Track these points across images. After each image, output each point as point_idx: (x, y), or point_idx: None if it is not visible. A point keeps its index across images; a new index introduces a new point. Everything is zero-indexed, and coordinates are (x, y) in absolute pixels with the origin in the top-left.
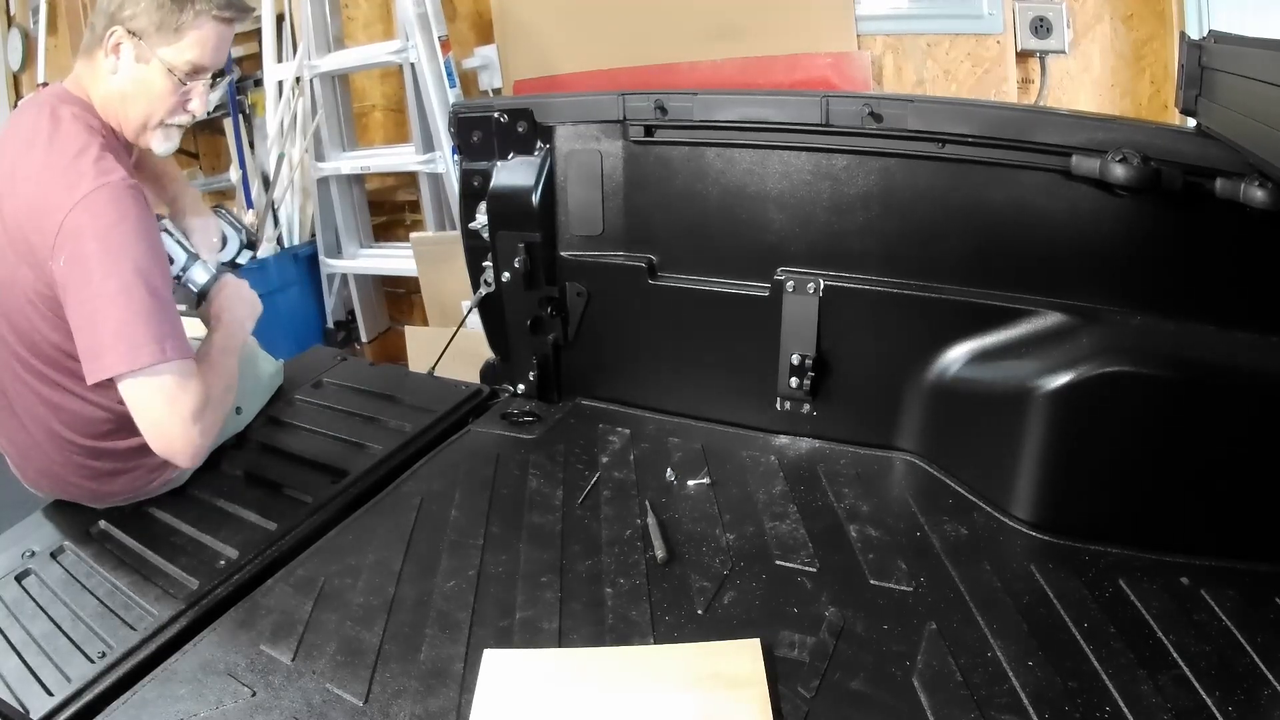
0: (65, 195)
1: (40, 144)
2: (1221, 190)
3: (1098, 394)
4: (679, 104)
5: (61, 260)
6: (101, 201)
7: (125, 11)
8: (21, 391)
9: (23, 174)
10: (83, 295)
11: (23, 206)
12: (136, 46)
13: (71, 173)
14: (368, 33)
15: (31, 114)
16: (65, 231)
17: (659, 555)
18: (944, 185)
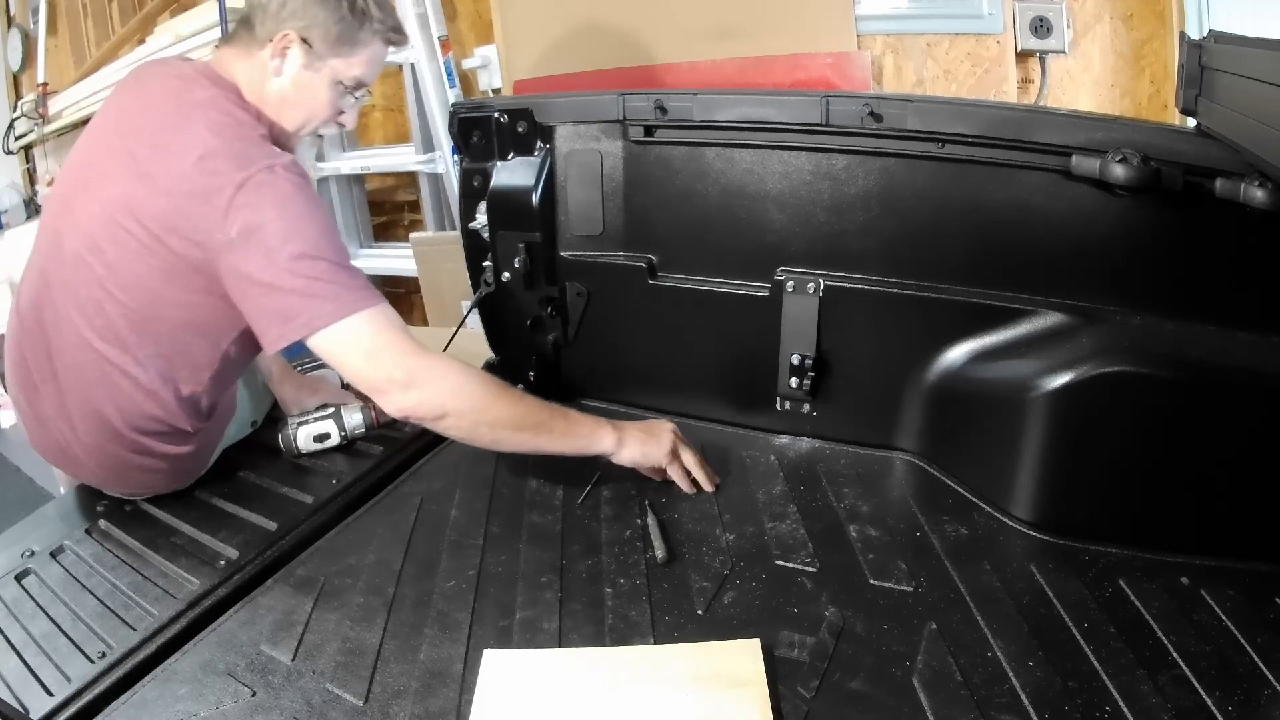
0: (236, 169)
1: (197, 124)
2: (1221, 190)
3: (1098, 394)
4: (679, 104)
5: (234, 231)
6: (277, 175)
7: (300, 20)
8: (83, 364)
9: (175, 149)
10: (257, 266)
11: (175, 184)
12: (307, 54)
13: (240, 150)
14: None
15: (173, 90)
16: (238, 204)
17: (659, 555)
18: (944, 185)
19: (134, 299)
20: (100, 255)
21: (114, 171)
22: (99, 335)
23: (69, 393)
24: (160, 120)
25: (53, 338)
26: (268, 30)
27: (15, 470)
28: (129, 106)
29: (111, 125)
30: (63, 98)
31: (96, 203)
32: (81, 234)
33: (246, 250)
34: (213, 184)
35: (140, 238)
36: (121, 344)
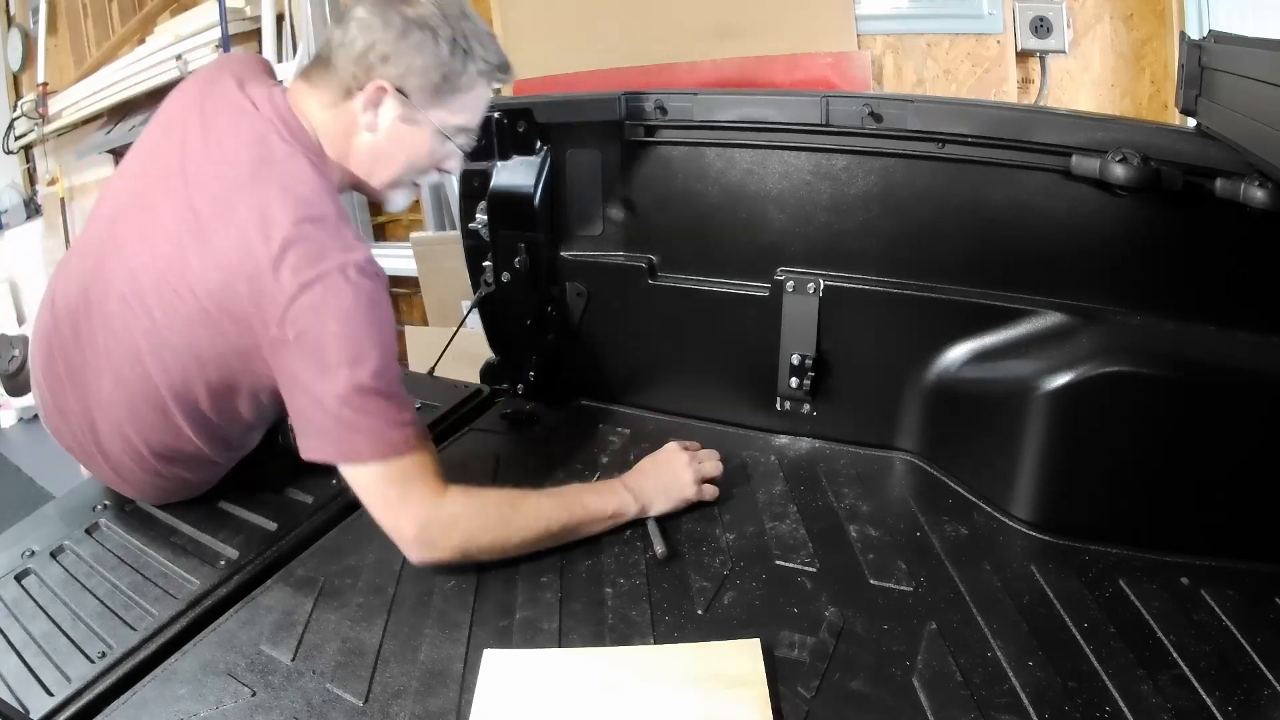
0: (303, 266)
1: (268, 193)
2: (1221, 190)
3: (1098, 394)
4: (679, 104)
5: (290, 334)
6: (347, 280)
7: (393, 68)
8: (114, 394)
9: (240, 217)
10: (309, 378)
11: (235, 262)
12: (403, 105)
13: (311, 241)
14: None
15: (246, 137)
16: (300, 308)
17: (659, 552)
18: (944, 185)
19: (177, 360)
20: (148, 311)
21: (170, 219)
22: (135, 377)
23: (96, 409)
24: (229, 174)
25: (88, 356)
26: (355, 77)
27: (15, 470)
28: (194, 142)
29: (174, 156)
30: (63, 98)
31: (149, 253)
32: (129, 278)
33: (300, 356)
34: (274, 281)
35: (190, 308)
36: (156, 391)
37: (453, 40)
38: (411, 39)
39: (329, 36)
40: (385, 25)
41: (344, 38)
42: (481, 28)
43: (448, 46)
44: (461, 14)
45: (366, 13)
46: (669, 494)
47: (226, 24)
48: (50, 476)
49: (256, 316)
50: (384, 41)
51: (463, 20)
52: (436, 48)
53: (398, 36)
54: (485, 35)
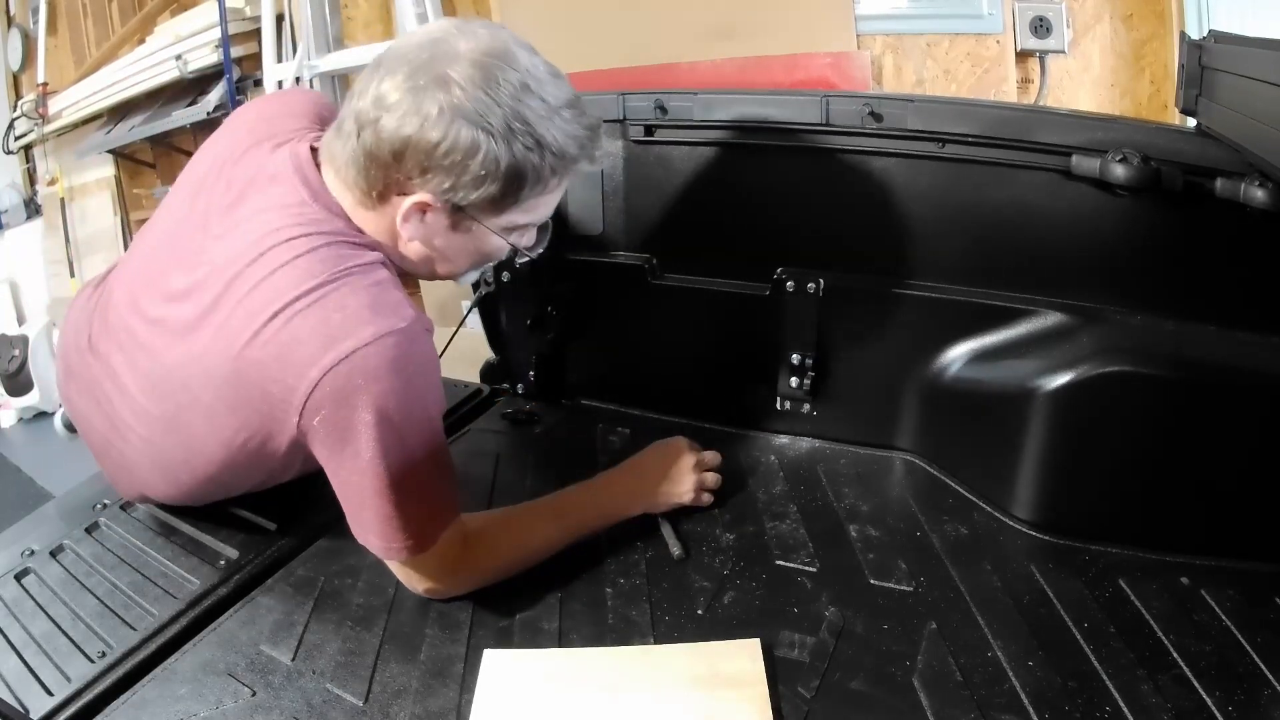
0: (331, 343)
1: (291, 276)
2: (1221, 190)
3: (1098, 394)
4: (679, 104)
5: (316, 420)
6: (385, 356)
7: (440, 179)
8: (140, 449)
9: (259, 302)
10: (343, 468)
11: (253, 351)
12: (453, 216)
13: (343, 315)
14: (367, 32)
15: (277, 216)
16: (325, 389)
17: (675, 553)
18: (944, 185)
19: (206, 464)
20: (169, 399)
21: (195, 301)
22: (164, 452)
23: (127, 441)
24: (255, 259)
25: (115, 401)
26: (384, 182)
27: (15, 470)
28: (224, 215)
29: (210, 218)
30: (63, 98)
31: (175, 351)
32: (147, 357)
33: (329, 444)
34: (294, 353)
35: (210, 410)
36: (177, 473)
37: (510, 132)
38: (457, 140)
39: (355, 116)
40: (422, 120)
41: (372, 135)
42: (552, 97)
43: (506, 145)
44: (522, 86)
45: (398, 95)
46: (666, 497)
47: (226, 24)
48: (50, 476)
49: (280, 397)
50: (421, 146)
51: (524, 96)
52: (493, 148)
53: (440, 139)
54: (559, 109)
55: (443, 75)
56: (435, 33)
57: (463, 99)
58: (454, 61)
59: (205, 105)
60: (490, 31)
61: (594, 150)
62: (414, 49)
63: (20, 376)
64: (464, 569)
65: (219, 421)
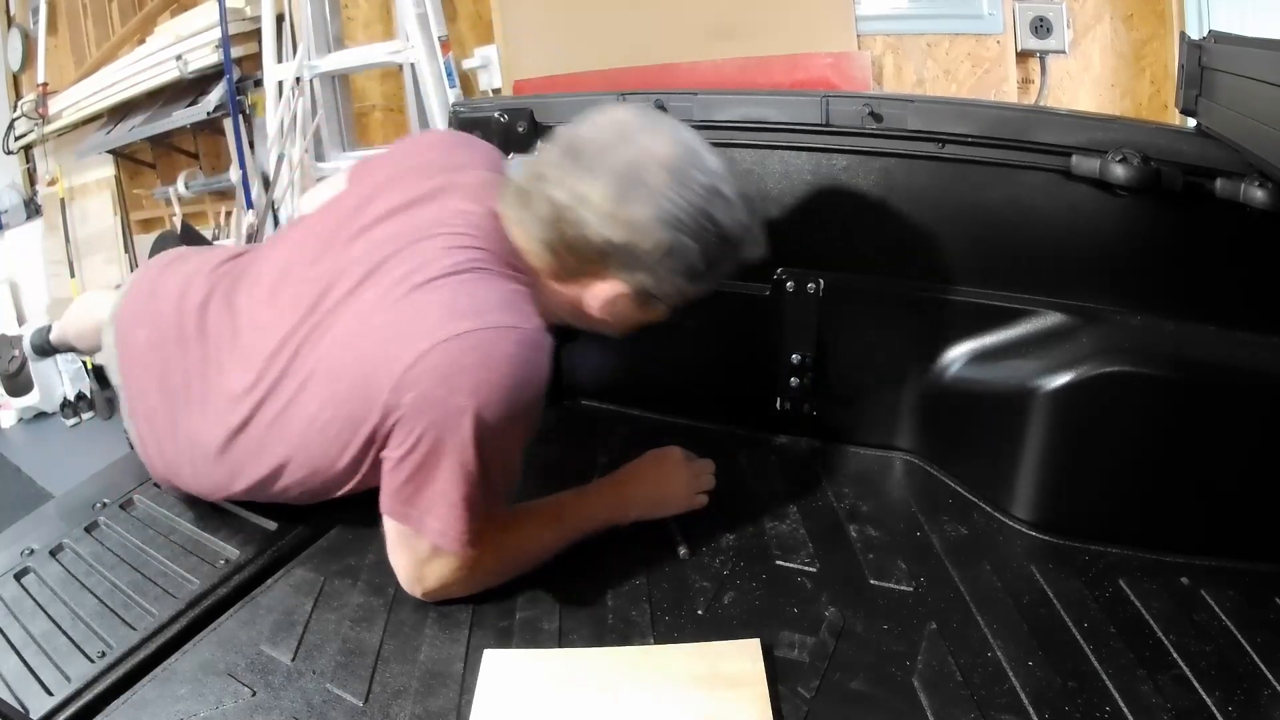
0: (451, 319)
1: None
2: (1221, 190)
3: (1098, 394)
4: (679, 104)
5: (408, 397)
6: (503, 348)
7: (641, 274)
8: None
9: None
10: (422, 446)
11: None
12: (640, 299)
13: (471, 299)
14: (367, 33)
15: (453, 278)
16: (430, 362)
17: (681, 553)
18: (944, 185)
19: (276, 444)
20: (275, 375)
21: (342, 327)
22: (237, 428)
23: (194, 409)
24: (403, 309)
25: (207, 368)
26: (578, 270)
27: (15, 470)
28: (391, 218)
29: (375, 221)
30: (63, 98)
31: (316, 355)
32: (270, 335)
33: (411, 423)
34: (399, 337)
35: (340, 435)
36: (238, 457)
37: (703, 231)
38: (659, 243)
39: (550, 204)
40: (630, 229)
41: (574, 231)
42: (731, 193)
43: (698, 243)
44: (711, 189)
45: (607, 204)
46: (659, 506)
47: (226, 24)
48: (50, 476)
49: (376, 384)
50: (628, 250)
51: (712, 198)
52: (689, 247)
53: (646, 245)
54: (735, 203)
55: (645, 183)
56: (625, 129)
57: (666, 206)
58: (653, 168)
59: (205, 105)
60: (672, 131)
61: (758, 234)
62: (611, 148)
63: (20, 376)
64: (479, 570)
65: (313, 394)
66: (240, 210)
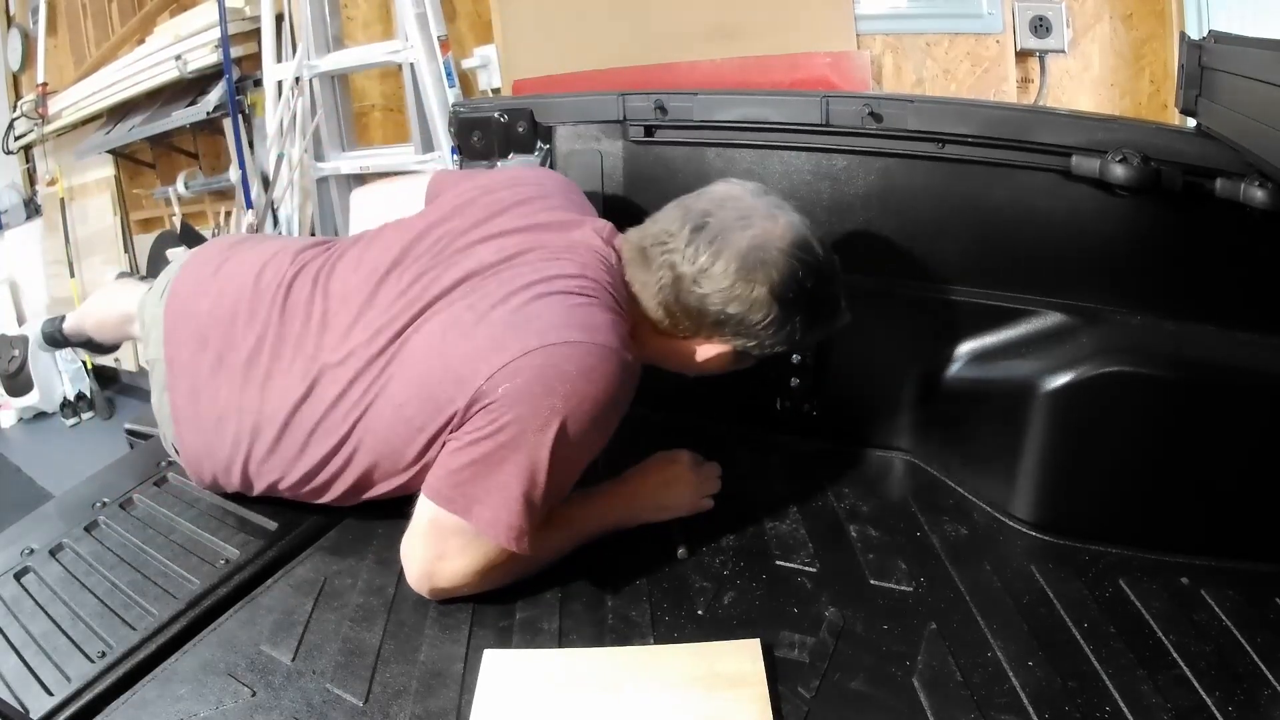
0: (564, 327)
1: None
2: (1221, 190)
3: (1098, 394)
4: (679, 104)
5: (502, 389)
6: (605, 366)
7: (744, 340)
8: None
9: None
10: (499, 436)
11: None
12: (740, 356)
13: (585, 314)
14: (367, 33)
15: (581, 333)
16: (535, 361)
17: (680, 553)
18: (944, 185)
19: (331, 430)
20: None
21: (427, 340)
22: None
23: (254, 394)
24: (507, 331)
25: (257, 384)
26: (690, 331)
27: (15, 470)
28: (514, 234)
29: (494, 231)
30: (63, 98)
31: (418, 340)
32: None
33: (495, 412)
34: (511, 332)
35: (418, 417)
36: (291, 445)
37: (808, 308)
38: (770, 317)
39: (672, 270)
40: (749, 305)
41: (694, 300)
42: (830, 273)
43: (803, 318)
44: (819, 273)
45: (729, 281)
46: (666, 510)
47: (226, 24)
48: (50, 476)
49: (455, 388)
50: (742, 320)
51: (819, 280)
52: (794, 320)
53: (759, 319)
54: (833, 281)
55: (765, 263)
56: (746, 209)
57: (781, 287)
58: (774, 252)
59: (205, 105)
60: (788, 214)
61: (846, 306)
62: (734, 228)
63: (20, 376)
64: (493, 571)
65: (406, 379)
66: (240, 210)
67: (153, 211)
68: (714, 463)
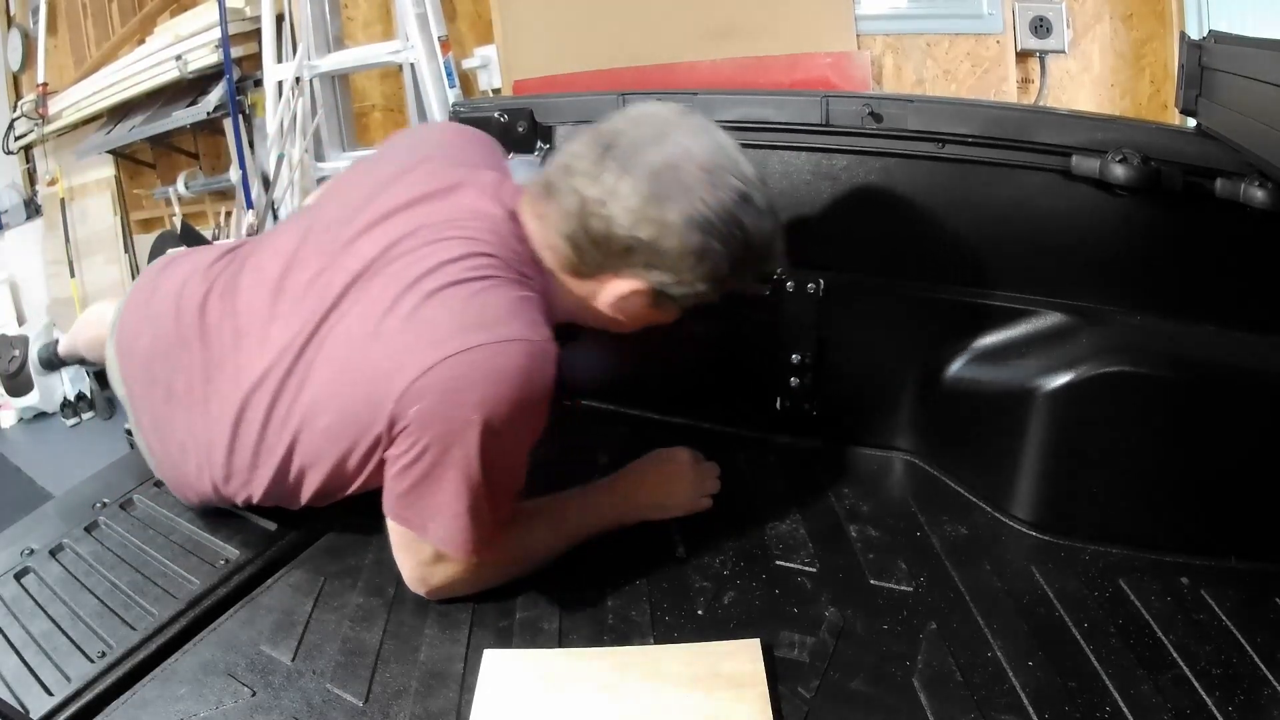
0: (461, 331)
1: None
2: (1221, 190)
3: (1098, 394)
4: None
5: (414, 409)
6: (515, 361)
7: (659, 275)
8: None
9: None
10: (427, 457)
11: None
12: (660, 300)
13: (482, 309)
14: (367, 33)
15: (465, 264)
16: (438, 375)
17: (679, 552)
18: (944, 185)
19: (275, 444)
20: (283, 372)
21: (351, 322)
22: (268, 458)
23: (204, 408)
24: (421, 249)
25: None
26: (600, 265)
27: (15, 470)
28: (401, 213)
29: (383, 214)
30: (63, 98)
31: (324, 355)
32: (282, 328)
33: (416, 434)
34: (407, 348)
35: (346, 434)
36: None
37: (730, 237)
38: (688, 245)
39: (578, 197)
40: (661, 227)
41: (601, 226)
42: (761, 201)
43: (725, 248)
44: (744, 195)
45: (638, 200)
46: (663, 509)
47: (226, 24)
48: (50, 476)
49: (382, 391)
50: (655, 248)
51: (744, 204)
52: (715, 251)
53: (674, 245)
54: (765, 213)
55: (681, 183)
56: (663, 127)
57: (699, 208)
58: (689, 169)
59: (205, 105)
60: (712, 134)
61: (782, 249)
62: (647, 144)
63: (20, 376)
64: (484, 571)
65: (321, 397)
66: (240, 210)
67: (153, 211)
68: (713, 462)
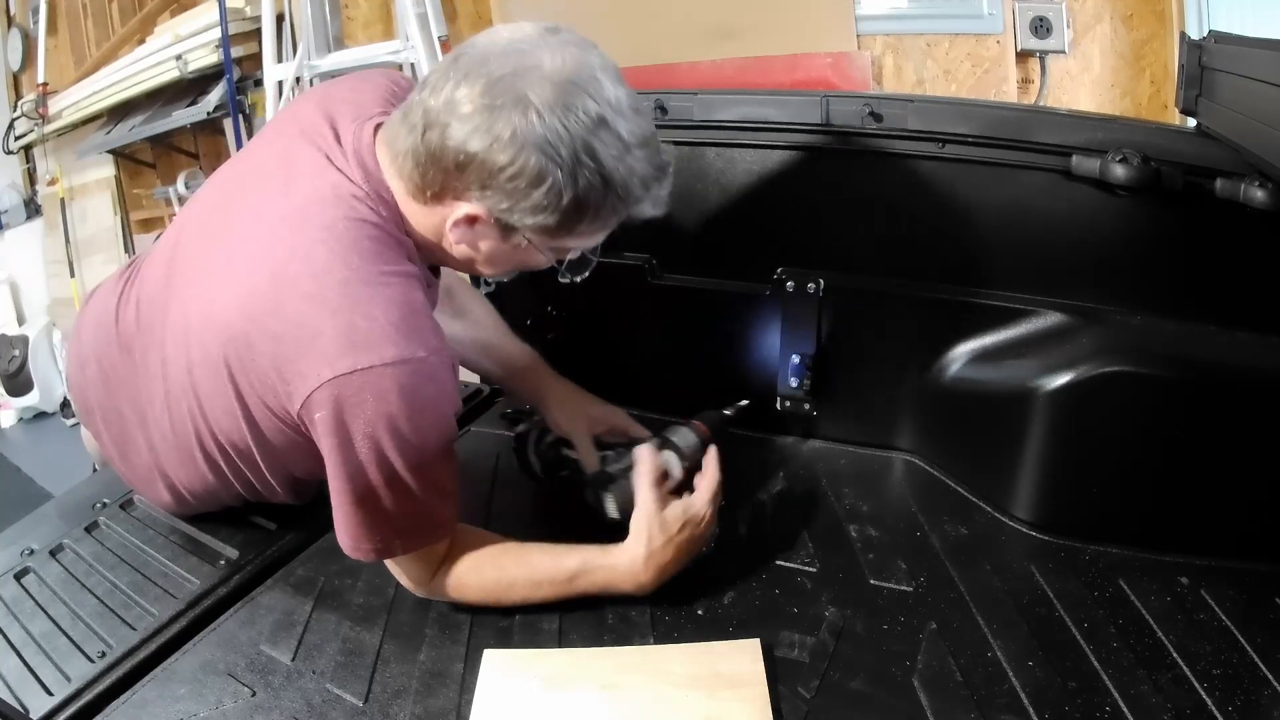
0: (350, 350)
1: (324, 256)
2: (1221, 190)
3: (1098, 394)
4: (679, 104)
5: (317, 415)
6: (399, 381)
7: (495, 199)
8: (171, 449)
9: (276, 283)
10: (329, 463)
11: (259, 326)
12: (504, 231)
13: (369, 326)
14: (367, 33)
15: (313, 191)
16: (331, 391)
17: None
18: (944, 185)
19: (231, 443)
20: (193, 390)
21: (213, 271)
22: (195, 445)
23: (158, 449)
24: (295, 235)
25: (143, 403)
26: (441, 185)
27: (15, 470)
28: (276, 192)
29: (260, 194)
30: (63, 98)
31: (194, 310)
32: (176, 342)
33: (321, 438)
34: (304, 349)
35: (228, 389)
36: (214, 460)
37: (579, 165)
38: (524, 167)
39: (424, 111)
40: (492, 140)
41: (437, 138)
42: (628, 133)
43: (571, 179)
44: (599, 119)
45: (471, 108)
46: (664, 575)
47: (226, 24)
48: (50, 476)
49: (280, 386)
50: (486, 165)
51: (599, 131)
52: (558, 179)
53: (506, 163)
54: (632, 146)
55: (521, 96)
56: (521, 41)
57: (537, 126)
58: (535, 81)
59: (205, 105)
60: (579, 51)
61: (660, 192)
62: (497, 56)
63: (20, 376)
64: (435, 589)
65: (224, 383)
66: None
67: (153, 211)
68: (704, 488)
